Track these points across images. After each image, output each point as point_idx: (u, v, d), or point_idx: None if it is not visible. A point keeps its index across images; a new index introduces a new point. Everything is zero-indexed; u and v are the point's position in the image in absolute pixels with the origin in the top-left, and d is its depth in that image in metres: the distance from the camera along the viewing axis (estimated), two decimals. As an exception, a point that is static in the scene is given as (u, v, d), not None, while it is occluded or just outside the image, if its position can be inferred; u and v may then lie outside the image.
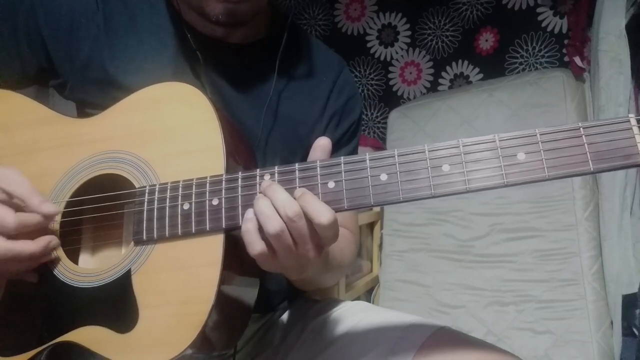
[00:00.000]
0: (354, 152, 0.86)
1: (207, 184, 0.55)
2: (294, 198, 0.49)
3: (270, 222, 0.49)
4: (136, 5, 0.72)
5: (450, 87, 2.06)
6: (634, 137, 0.45)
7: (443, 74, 2.07)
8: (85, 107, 0.73)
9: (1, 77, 0.73)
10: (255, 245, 0.50)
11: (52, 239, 0.56)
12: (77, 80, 0.72)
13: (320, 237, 0.50)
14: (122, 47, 0.70)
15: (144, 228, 0.56)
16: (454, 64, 2.05)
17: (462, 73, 2.04)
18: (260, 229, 0.50)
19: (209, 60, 0.71)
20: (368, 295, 1.88)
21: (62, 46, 0.71)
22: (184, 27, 0.70)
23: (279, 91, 0.76)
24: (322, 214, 0.48)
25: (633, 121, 0.45)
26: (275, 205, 0.49)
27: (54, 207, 0.54)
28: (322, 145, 0.54)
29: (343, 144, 0.83)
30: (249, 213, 0.51)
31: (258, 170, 0.54)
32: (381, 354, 0.63)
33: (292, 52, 0.77)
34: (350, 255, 0.78)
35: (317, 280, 0.75)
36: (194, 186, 0.55)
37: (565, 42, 1.83)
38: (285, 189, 0.51)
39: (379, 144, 2.11)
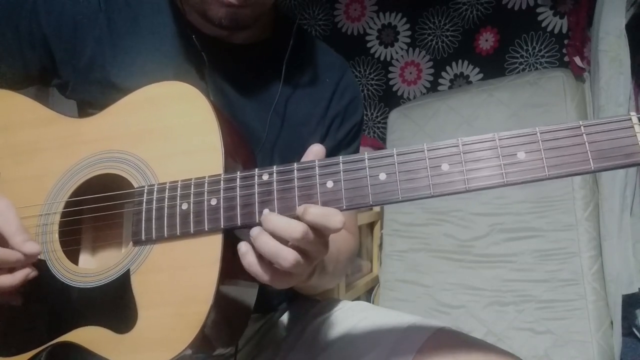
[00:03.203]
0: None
1: (206, 184, 0.54)
2: (299, 216, 0.48)
3: (282, 257, 0.48)
4: (139, 5, 0.72)
5: (450, 87, 2.06)
6: (636, 135, 0.44)
7: (443, 74, 2.07)
8: (87, 107, 0.72)
9: (4, 76, 0.72)
10: (264, 271, 0.50)
11: (29, 272, 0.55)
12: (79, 80, 0.72)
13: (325, 235, 0.50)
14: (125, 48, 0.70)
15: (143, 228, 0.55)
16: (454, 64, 2.05)
17: (462, 73, 2.04)
18: (261, 256, 0.49)
19: (213, 61, 0.70)
20: (368, 295, 1.88)
21: (65, 46, 0.70)
22: (188, 27, 0.70)
23: (284, 94, 0.75)
24: (335, 220, 0.47)
25: (635, 119, 0.45)
26: (280, 235, 0.48)
27: (36, 247, 0.54)
28: (315, 152, 0.53)
29: (344, 146, 0.82)
30: (243, 247, 0.50)
31: (256, 169, 0.53)
32: (381, 354, 0.63)
33: (297, 55, 0.76)
34: (348, 254, 0.78)
35: (318, 284, 0.74)
36: (192, 186, 0.55)
37: (565, 42, 1.83)
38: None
39: (379, 144, 2.11)
